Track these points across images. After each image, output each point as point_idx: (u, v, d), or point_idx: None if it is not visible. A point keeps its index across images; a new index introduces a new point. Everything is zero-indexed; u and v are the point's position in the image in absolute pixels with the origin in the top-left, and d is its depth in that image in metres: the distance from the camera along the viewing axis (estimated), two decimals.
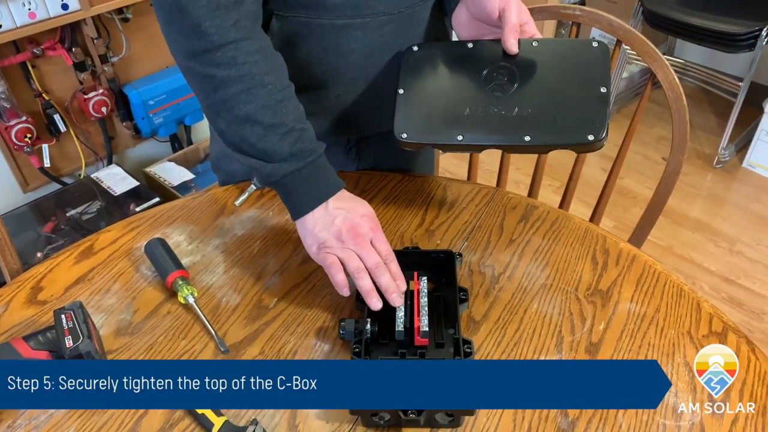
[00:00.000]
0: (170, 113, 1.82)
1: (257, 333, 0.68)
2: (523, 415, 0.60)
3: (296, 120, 0.68)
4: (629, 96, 2.52)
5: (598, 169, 2.10)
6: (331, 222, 0.66)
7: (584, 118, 0.67)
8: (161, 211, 0.84)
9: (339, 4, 0.72)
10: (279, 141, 0.66)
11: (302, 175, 0.67)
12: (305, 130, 0.68)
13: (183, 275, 0.71)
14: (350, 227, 0.66)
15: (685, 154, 1.01)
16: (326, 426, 0.59)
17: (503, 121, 0.68)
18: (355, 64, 0.77)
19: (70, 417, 0.59)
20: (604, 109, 0.67)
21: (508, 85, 0.70)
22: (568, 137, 0.67)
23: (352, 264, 0.65)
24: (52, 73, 1.61)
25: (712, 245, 1.87)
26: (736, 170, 2.18)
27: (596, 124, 0.66)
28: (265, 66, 0.66)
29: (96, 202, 1.66)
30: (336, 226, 0.66)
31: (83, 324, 0.62)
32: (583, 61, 0.71)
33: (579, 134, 0.66)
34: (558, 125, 0.68)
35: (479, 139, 0.69)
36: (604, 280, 0.74)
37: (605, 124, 0.66)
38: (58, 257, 0.77)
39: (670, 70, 0.98)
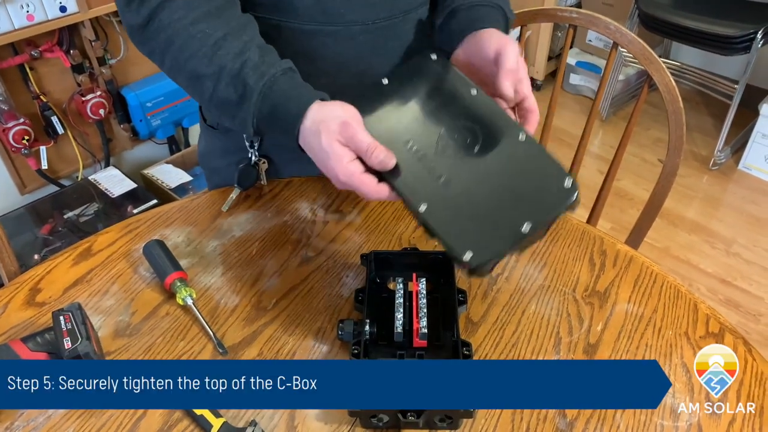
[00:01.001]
0: (168, 115, 1.82)
1: (256, 334, 0.68)
2: (522, 416, 0.60)
3: (236, 57, 0.62)
4: (625, 98, 2.54)
5: (594, 171, 2.11)
6: (318, 144, 0.59)
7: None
8: (159, 213, 0.84)
9: (309, 9, 0.71)
10: (226, 87, 0.62)
11: (269, 106, 0.61)
12: (247, 62, 0.62)
13: (181, 277, 0.71)
14: (345, 133, 0.58)
15: (682, 156, 1.02)
16: (325, 427, 0.59)
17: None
18: (326, 72, 0.75)
19: (69, 418, 0.59)
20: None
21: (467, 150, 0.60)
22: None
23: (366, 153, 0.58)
24: (49, 75, 1.61)
25: (708, 247, 1.88)
26: (731, 172, 2.19)
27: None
28: (191, 17, 0.63)
29: (93, 204, 1.66)
30: (323, 148, 0.58)
31: (82, 325, 0.62)
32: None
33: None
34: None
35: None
36: (602, 282, 0.74)
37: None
38: (57, 259, 0.77)
39: (667, 72, 0.99)
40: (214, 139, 0.92)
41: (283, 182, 0.89)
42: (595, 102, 1.09)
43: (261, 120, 0.63)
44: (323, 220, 0.83)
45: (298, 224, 0.82)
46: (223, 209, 0.79)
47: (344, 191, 0.87)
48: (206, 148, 0.95)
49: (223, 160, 0.90)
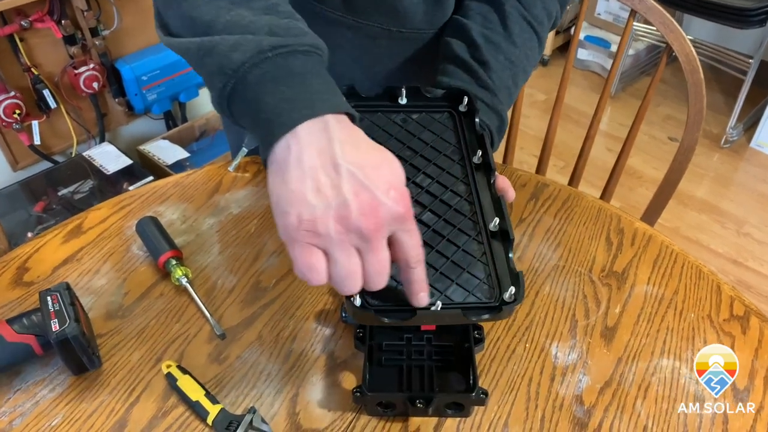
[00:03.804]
0: (164, 89, 1.77)
1: (255, 316, 0.64)
2: (537, 403, 0.56)
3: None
4: (635, 74, 2.47)
5: (602, 149, 2.06)
6: (335, 184, 0.39)
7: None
8: (153, 189, 0.80)
9: None
10: (252, 13, 0.46)
11: (283, 63, 0.43)
12: (292, 15, 0.48)
13: (176, 255, 0.68)
14: (365, 205, 0.39)
15: (700, 132, 0.97)
16: (328, 415, 0.55)
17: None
18: (343, 62, 0.71)
19: (57, 404, 0.56)
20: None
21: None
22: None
23: (345, 267, 0.40)
24: (41, 47, 1.56)
25: (719, 227, 1.84)
26: (743, 150, 2.14)
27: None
28: None
29: (88, 181, 1.62)
30: (342, 196, 0.39)
31: (70, 306, 0.58)
32: None
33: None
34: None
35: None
36: (619, 261, 0.71)
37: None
38: (45, 236, 0.73)
39: (687, 42, 0.94)
40: None
41: None
42: (609, 77, 1.04)
43: (271, 64, 0.44)
44: None
45: None
46: (229, 170, 0.74)
47: None
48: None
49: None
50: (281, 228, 0.41)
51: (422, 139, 0.60)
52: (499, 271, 0.50)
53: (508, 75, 0.68)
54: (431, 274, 0.49)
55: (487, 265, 0.50)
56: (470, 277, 0.50)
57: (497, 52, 0.67)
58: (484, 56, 0.67)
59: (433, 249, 0.51)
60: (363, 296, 0.48)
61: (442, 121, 0.62)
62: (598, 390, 0.58)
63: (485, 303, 0.48)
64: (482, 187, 0.56)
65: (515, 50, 0.69)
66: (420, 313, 0.46)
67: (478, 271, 0.50)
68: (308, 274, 0.40)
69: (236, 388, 0.57)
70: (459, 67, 0.67)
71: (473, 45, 0.68)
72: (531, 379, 0.58)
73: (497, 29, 0.69)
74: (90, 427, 0.54)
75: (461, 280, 0.49)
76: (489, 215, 0.53)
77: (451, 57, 0.68)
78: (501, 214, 0.52)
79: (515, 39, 0.69)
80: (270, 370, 0.59)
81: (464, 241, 0.52)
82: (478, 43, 0.67)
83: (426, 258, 0.46)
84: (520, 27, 0.69)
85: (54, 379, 0.58)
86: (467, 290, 0.49)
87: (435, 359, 0.57)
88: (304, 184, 0.39)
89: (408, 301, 0.46)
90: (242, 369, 0.59)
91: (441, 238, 0.52)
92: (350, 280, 0.41)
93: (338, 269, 0.40)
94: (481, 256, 0.51)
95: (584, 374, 0.59)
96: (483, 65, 0.67)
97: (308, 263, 0.40)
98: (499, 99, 0.66)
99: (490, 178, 0.55)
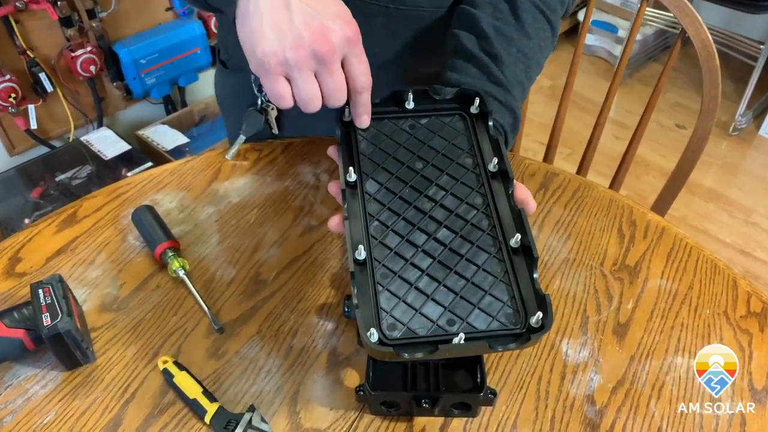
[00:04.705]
0: (163, 73, 1.73)
1: (254, 310, 0.62)
2: (546, 403, 0.54)
3: None
4: (642, 59, 2.43)
5: (608, 136, 2.02)
6: (288, 19, 0.46)
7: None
8: (150, 176, 0.77)
9: None
10: None
11: None
12: None
13: (173, 246, 0.65)
14: (316, 32, 0.46)
15: (714, 120, 0.94)
16: (330, 413, 0.53)
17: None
18: None
19: (50, 401, 0.54)
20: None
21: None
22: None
23: (304, 89, 0.48)
24: (36, 29, 1.52)
25: (726, 216, 1.81)
26: (752, 138, 2.10)
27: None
28: None
29: (86, 167, 1.59)
30: (295, 28, 0.46)
31: (62, 300, 0.56)
32: None
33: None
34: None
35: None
36: (632, 255, 0.68)
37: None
38: (39, 225, 0.71)
39: (703, 27, 0.90)
40: (225, 79, 0.87)
41: (283, 144, 0.82)
42: (619, 64, 1.01)
43: None
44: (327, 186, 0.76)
45: (300, 190, 0.75)
46: (227, 158, 0.71)
47: None
48: (220, 89, 0.90)
49: (234, 102, 0.85)
50: (252, 65, 0.49)
51: (433, 146, 0.56)
52: (524, 291, 0.46)
53: (522, 69, 0.64)
54: (451, 298, 0.46)
55: (510, 285, 0.47)
56: (493, 300, 0.46)
57: (509, 44, 0.63)
58: (495, 49, 0.63)
59: (452, 270, 0.48)
60: (380, 330, 0.44)
61: (452, 125, 0.58)
62: (610, 389, 0.56)
63: (511, 330, 0.44)
64: (500, 198, 0.51)
65: (528, 42, 0.65)
66: (442, 347, 0.42)
67: (501, 292, 0.46)
68: (278, 101, 0.49)
69: (235, 385, 0.55)
70: (468, 62, 0.63)
71: (483, 37, 0.63)
72: (541, 377, 0.56)
73: (508, 19, 0.65)
74: (83, 424, 0.53)
75: (483, 304, 0.46)
76: (509, 230, 0.49)
77: (460, 51, 0.64)
78: (522, 230, 0.48)
79: (528, 29, 0.65)
80: (270, 367, 0.57)
81: (484, 259, 0.48)
82: (489, 35, 0.63)
83: (445, 281, 0.47)
84: (533, 16, 0.66)
85: (46, 375, 0.56)
86: (491, 315, 0.45)
87: None
88: (262, 24, 0.46)
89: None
90: (241, 365, 0.57)
91: (459, 258, 0.48)
92: (311, 101, 0.49)
93: (300, 92, 0.48)
94: (503, 275, 0.47)
95: (596, 373, 0.57)
96: (494, 59, 0.63)
97: (275, 90, 0.48)
98: (512, 95, 0.62)
99: (508, 188, 0.51)
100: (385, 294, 0.46)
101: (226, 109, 0.93)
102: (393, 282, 0.47)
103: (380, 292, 0.46)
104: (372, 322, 0.45)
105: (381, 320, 0.45)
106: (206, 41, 1.77)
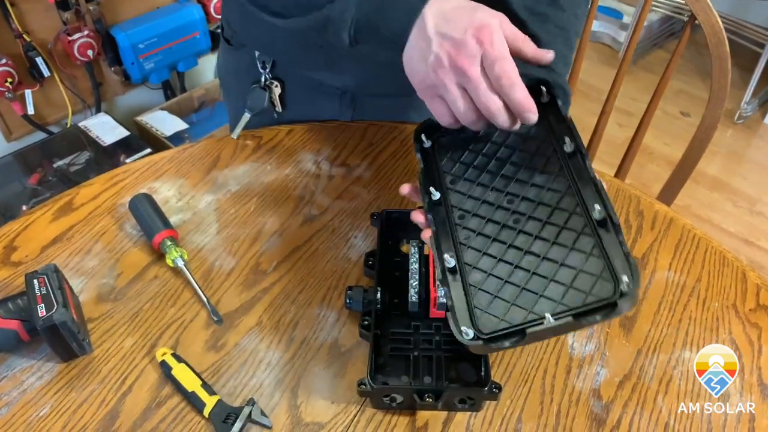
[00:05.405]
0: (162, 58, 1.71)
1: (254, 301, 0.61)
2: (552, 397, 0.53)
3: None
4: (647, 46, 2.39)
5: (612, 124, 2.00)
6: (427, 42, 0.50)
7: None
8: (148, 164, 0.76)
9: None
10: None
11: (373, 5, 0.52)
12: None
13: (171, 235, 0.64)
14: (451, 50, 0.49)
15: (723, 109, 0.92)
16: (331, 407, 0.53)
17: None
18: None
19: (45, 393, 0.53)
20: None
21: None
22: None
23: (456, 105, 0.51)
24: (33, 12, 1.49)
25: (731, 205, 1.80)
26: (757, 126, 2.08)
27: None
28: None
29: (84, 153, 1.57)
30: (432, 52, 0.50)
31: (58, 290, 0.55)
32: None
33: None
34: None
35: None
36: (639, 246, 0.67)
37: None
38: (34, 213, 0.70)
39: (714, 12, 0.88)
40: (228, 55, 0.85)
41: (284, 130, 0.80)
42: (627, 52, 0.99)
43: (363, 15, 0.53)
44: (328, 174, 0.74)
45: (301, 178, 0.74)
46: (233, 136, 0.70)
47: (351, 143, 0.79)
48: (223, 68, 0.89)
49: (236, 81, 0.84)
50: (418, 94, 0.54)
51: (508, 144, 0.56)
52: (615, 262, 0.45)
53: (561, 42, 0.62)
54: (544, 284, 0.46)
55: (600, 258, 0.46)
56: (587, 276, 0.45)
57: (545, 22, 0.61)
58: (531, 30, 0.60)
59: (542, 258, 0.48)
60: (475, 327, 0.46)
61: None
62: (617, 384, 0.55)
63: (605, 301, 0.43)
64: (580, 176, 0.51)
65: (563, 14, 0.63)
66: (530, 332, 0.43)
67: (593, 266, 0.46)
68: (440, 119, 0.53)
69: (234, 378, 0.54)
70: None
71: (517, 20, 0.61)
72: (546, 371, 0.55)
73: None
74: (80, 417, 0.52)
75: (577, 282, 0.45)
76: (591, 203, 0.49)
77: None
78: (600, 200, 0.47)
79: (560, 2, 0.63)
80: (270, 359, 0.56)
81: (573, 239, 0.48)
82: (522, 18, 0.61)
83: (537, 269, 0.48)
84: None
85: (42, 367, 0.55)
86: (584, 292, 0.45)
87: (444, 349, 0.54)
88: (412, 58, 0.52)
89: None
90: (241, 357, 0.56)
91: (549, 244, 0.48)
92: (467, 112, 0.51)
93: (455, 107, 0.51)
94: (593, 249, 0.46)
95: (602, 366, 0.56)
96: (532, 40, 0.61)
97: (435, 111, 0.53)
98: (557, 72, 0.61)
99: (585, 163, 0.50)
100: (479, 294, 0.48)
101: (229, 89, 0.91)
102: (486, 281, 0.49)
103: (474, 293, 0.48)
104: (466, 321, 0.47)
105: (475, 318, 0.47)
106: (206, 25, 1.74)
